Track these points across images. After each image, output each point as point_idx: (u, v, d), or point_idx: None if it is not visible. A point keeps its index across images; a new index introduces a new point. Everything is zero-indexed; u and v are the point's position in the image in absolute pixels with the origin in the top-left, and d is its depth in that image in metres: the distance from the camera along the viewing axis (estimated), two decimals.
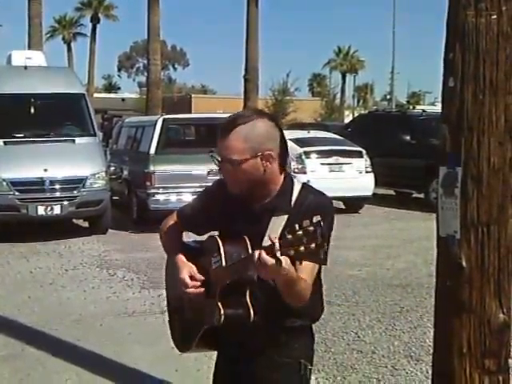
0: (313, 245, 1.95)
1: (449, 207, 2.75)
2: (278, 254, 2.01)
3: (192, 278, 2.41)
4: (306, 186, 2.48)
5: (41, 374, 4.93)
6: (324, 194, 2.47)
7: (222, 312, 2.29)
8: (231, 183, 2.41)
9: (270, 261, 2.04)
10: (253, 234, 2.32)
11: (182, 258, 2.50)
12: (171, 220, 2.66)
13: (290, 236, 1.99)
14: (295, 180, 2.48)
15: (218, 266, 2.34)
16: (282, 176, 2.44)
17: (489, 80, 2.64)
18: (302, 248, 1.96)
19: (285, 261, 2.05)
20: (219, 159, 2.39)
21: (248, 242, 2.31)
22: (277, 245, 2.01)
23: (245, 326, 2.33)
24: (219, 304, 2.30)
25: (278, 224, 2.34)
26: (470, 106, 2.66)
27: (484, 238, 2.69)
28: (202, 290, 2.40)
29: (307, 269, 2.27)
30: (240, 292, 2.31)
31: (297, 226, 1.98)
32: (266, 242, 2.11)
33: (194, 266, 2.44)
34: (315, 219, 1.97)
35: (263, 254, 2.07)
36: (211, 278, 2.38)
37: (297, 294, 2.27)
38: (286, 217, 2.36)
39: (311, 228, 1.96)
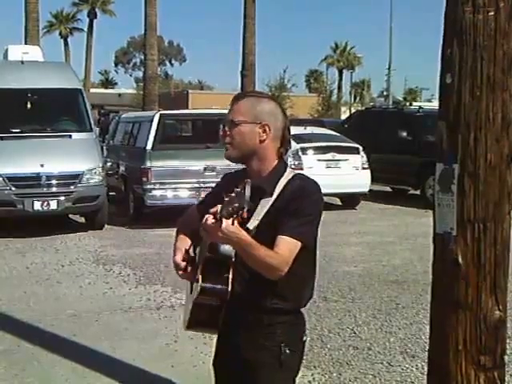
0: (236, 204, 2.13)
1: (445, 204, 2.75)
2: (218, 216, 2.19)
3: (184, 258, 2.57)
4: (298, 175, 2.54)
5: (36, 369, 4.93)
6: (313, 181, 2.52)
7: (200, 283, 2.38)
8: (228, 146, 2.51)
9: (210, 221, 2.21)
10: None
11: (179, 242, 2.64)
12: (187, 215, 2.78)
13: (226, 199, 2.17)
14: (289, 168, 2.56)
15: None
16: (277, 161, 2.52)
17: (486, 76, 2.64)
18: (230, 208, 2.15)
19: (226, 222, 2.18)
20: (224, 125, 2.53)
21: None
22: (218, 208, 2.19)
23: (227, 301, 2.42)
24: (199, 277, 2.40)
25: (264, 206, 2.44)
26: (467, 102, 2.66)
27: (480, 235, 2.69)
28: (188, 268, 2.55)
29: (280, 242, 2.37)
30: (224, 268, 2.42)
31: (233, 190, 2.16)
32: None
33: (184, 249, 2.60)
34: (246, 183, 2.15)
35: (208, 217, 2.23)
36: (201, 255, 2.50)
37: (259, 261, 2.33)
38: (271, 199, 2.44)
39: (238, 190, 2.14)
